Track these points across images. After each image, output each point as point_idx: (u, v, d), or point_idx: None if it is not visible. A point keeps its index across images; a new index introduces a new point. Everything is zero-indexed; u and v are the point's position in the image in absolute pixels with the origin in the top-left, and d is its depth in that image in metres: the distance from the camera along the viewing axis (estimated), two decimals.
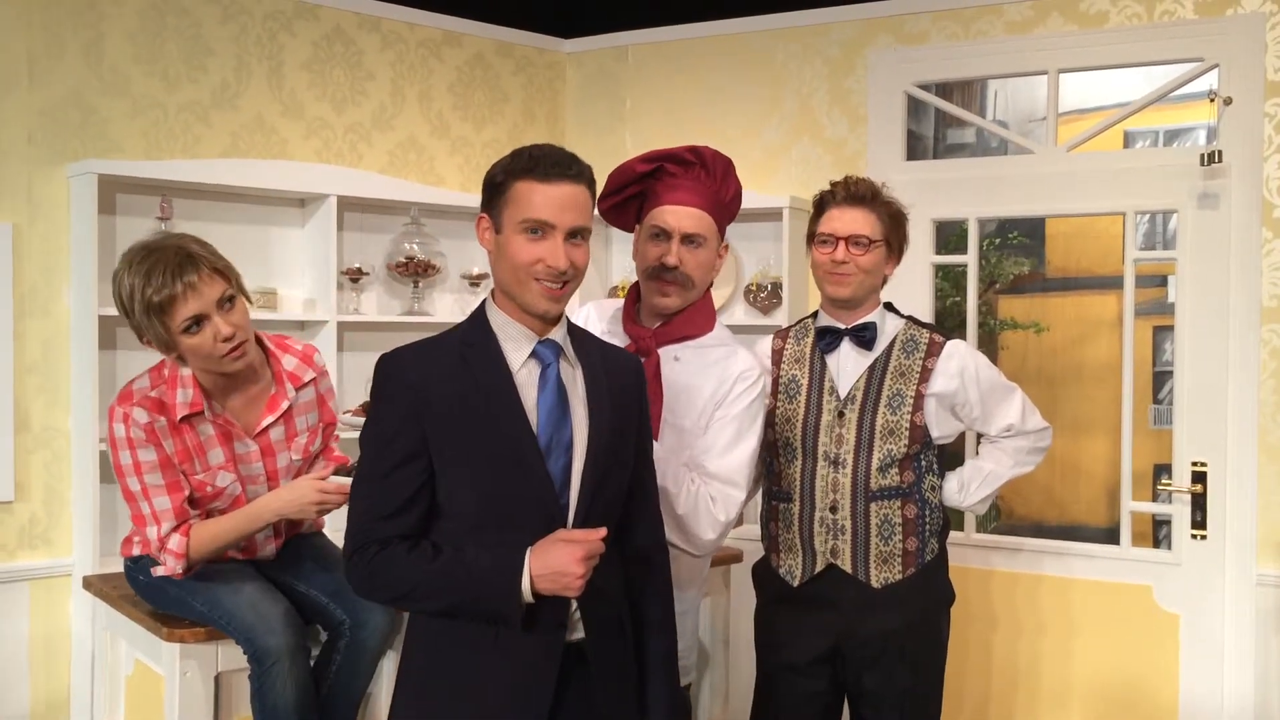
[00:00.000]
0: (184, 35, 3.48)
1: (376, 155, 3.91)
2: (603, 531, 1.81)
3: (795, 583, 2.54)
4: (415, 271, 3.86)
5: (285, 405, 2.45)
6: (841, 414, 2.50)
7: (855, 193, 2.51)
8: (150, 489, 2.32)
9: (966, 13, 3.68)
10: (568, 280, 1.85)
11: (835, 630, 2.51)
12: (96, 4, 3.32)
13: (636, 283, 2.38)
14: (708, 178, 2.30)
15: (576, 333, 1.98)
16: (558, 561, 1.77)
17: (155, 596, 2.50)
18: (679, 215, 2.26)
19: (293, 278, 3.69)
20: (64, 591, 3.27)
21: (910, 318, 2.60)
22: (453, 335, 1.91)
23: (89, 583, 2.91)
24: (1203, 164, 3.30)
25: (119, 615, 2.75)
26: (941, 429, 2.53)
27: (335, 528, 3.19)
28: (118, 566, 3.13)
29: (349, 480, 2.20)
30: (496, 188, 1.87)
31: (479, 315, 1.91)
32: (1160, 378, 11.20)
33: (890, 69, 3.80)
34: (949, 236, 4.03)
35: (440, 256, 3.94)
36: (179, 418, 2.33)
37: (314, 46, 3.76)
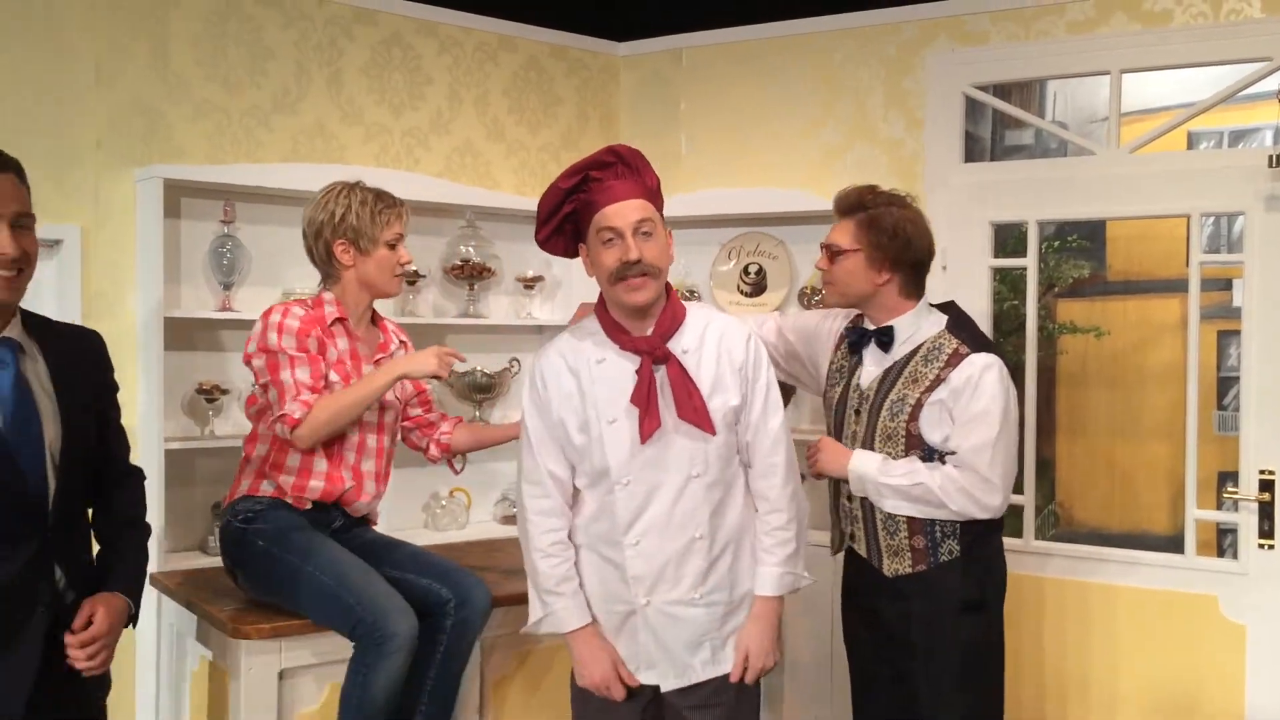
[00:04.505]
0: (246, 41, 3.55)
1: (434, 159, 3.95)
2: None
3: (832, 552, 2.75)
4: (471, 274, 3.89)
5: (391, 351, 2.81)
6: (858, 411, 2.60)
7: (838, 204, 2.64)
8: (295, 360, 2.57)
9: (1027, 13, 3.63)
10: (22, 268, 1.95)
11: (864, 606, 2.65)
12: (161, 11, 3.39)
13: (598, 307, 2.38)
14: (630, 171, 2.31)
15: (32, 321, 2.04)
16: None
17: (257, 565, 2.55)
18: (622, 211, 2.27)
19: None
20: None
21: (956, 326, 2.58)
22: None
23: (156, 579, 2.97)
24: (1271, 165, 3.23)
25: (185, 612, 2.80)
26: (944, 434, 2.51)
27: (393, 526, 3.23)
28: (185, 564, 3.20)
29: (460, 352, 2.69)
30: None
31: None
32: (1225, 383, 10.95)
33: (949, 70, 3.76)
34: (1007, 239, 3.98)
35: (495, 259, 3.97)
36: (329, 322, 2.68)
37: (372, 51, 3.80)
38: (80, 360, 2.11)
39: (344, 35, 3.74)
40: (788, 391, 3.75)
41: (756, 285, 4.02)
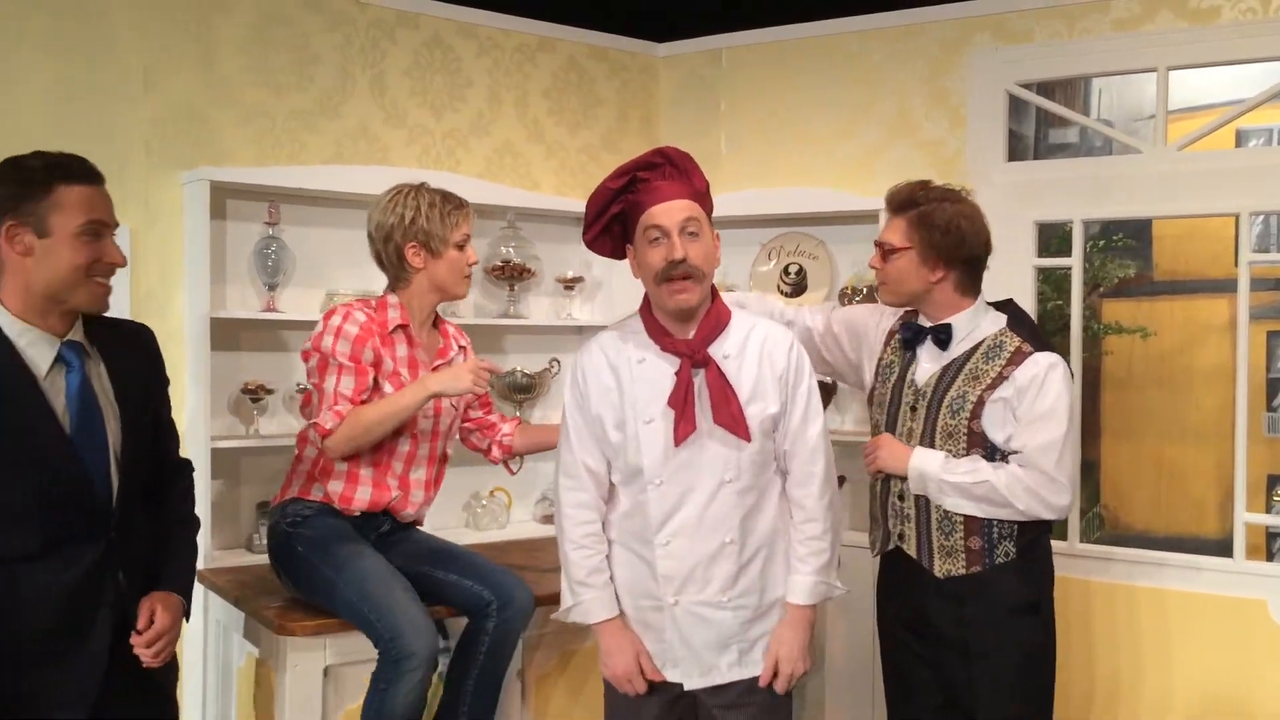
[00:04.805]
0: (291, 45, 3.59)
1: (474, 160, 3.98)
2: None
3: (874, 553, 2.69)
4: (511, 274, 3.92)
5: (451, 357, 2.78)
6: (914, 408, 2.56)
7: (889, 201, 2.60)
8: (343, 368, 2.56)
9: (1072, 10, 3.59)
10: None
11: (910, 607, 2.60)
12: (208, 17, 3.44)
13: (642, 306, 2.39)
14: (678, 173, 2.31)
15: (93, 323, 2.09)
16: None
17: (299, 569, 2.58)
18: (669, 210, 2.27)
19: None
20: None
21: (1016, 324, 2.55)
22: None
23: (202, 576, 3.01)
24: None
25: (231, 608, 2.84)
26: (1008, 433, 2.48)
27: (435, 526, 3.26)
28: (231, 561, 3.24)
29: (497, 365, 2.67)
30: (35, 193, 1.95)
31: None
32: (1274, 384, 10.76)
33: (991, 68, 3.73)
34: (1051, 239, 3.94)
35: (535, 260, 3.99)
36: (389, 330, 2.65)
37: (414, 54, 3.84)
38: (135, 358, 2.17)
39: (386, 38, 3.78)
40: (827, 392, 3.74)
41: (797, 285, 4.01)
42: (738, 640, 2.33)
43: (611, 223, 2.37)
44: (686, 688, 2.34)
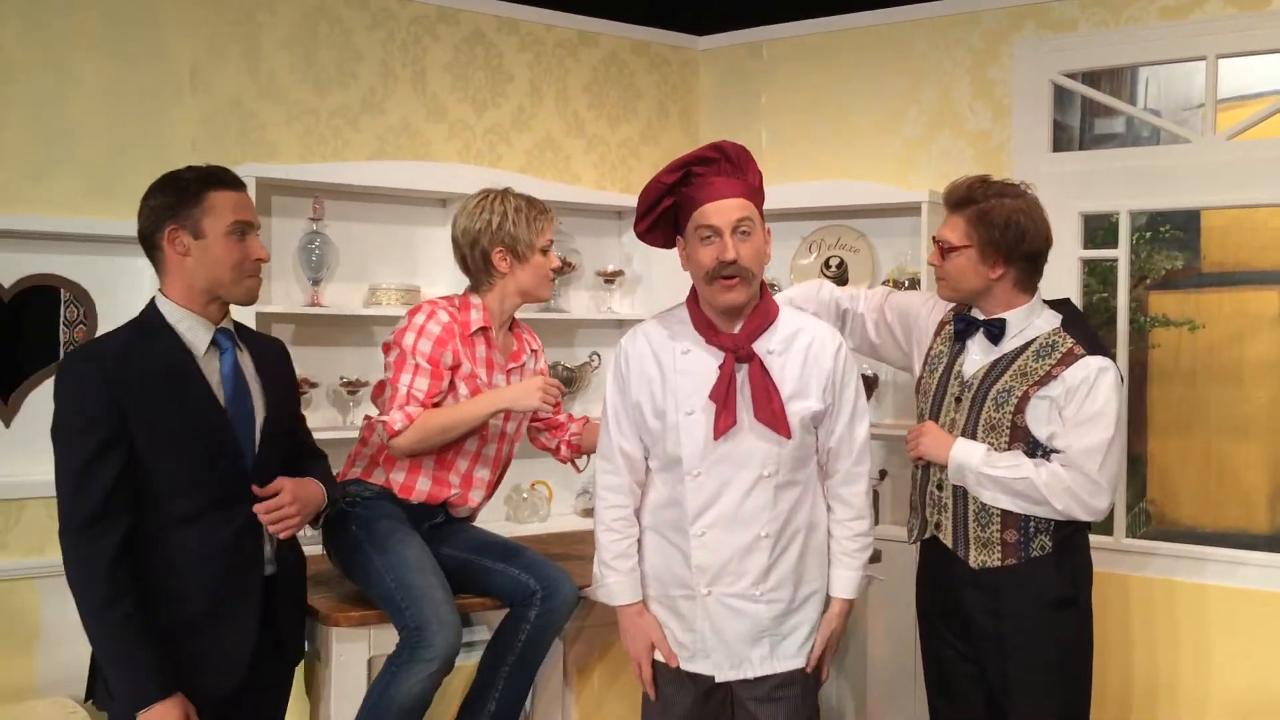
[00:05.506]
0: (335, 43, 3.62)
1: (515, 155, 3.99)
2: None
3: (910, 540, 2.72)
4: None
5: (523, 360, 2.82)
6: (959, 400, 2.55)
7: (947, 198, 2.58)
8: (419, 369, 2.60)
9: None
10: None
11: (945, 598, 2.60)
12: (254, 15, 3.48)
13: (690, 298, 2.39)
14: (734, 169, 2.30)
15: (236, 327, 2.32)
16: None
17: (347, 547, 2.62)
18: (722, 210, 2.27)
19: (435, 275, 3.80)
20: None
21: (1071, 324, 2.52)
22: (128, 334, 2.18)
23: None
24: None
25: None
26: (1051, 430, 2.46)
27: (478, 518, 3.28)
28: None
29: (561, 383, 2.67)
30: (190, 200, 2.16)
31: (151, 313, 2.20)
32: None
33: (1036, 58, 3.68)
34: (1095, 230, 3.89)
35: (575, 254, 4.01)
36: (470, 331, 2.68)
37: (455, 50, 3.86)
38: (272, 359, 2.36)
39: (428, 34, 3.80)
40: (868, 386, 3.72)
41: (837, 279, 3.99)
42: (770, 634, 2.33)
43: (664, 214, 2.37)
44: (718, 679, 2.34)
